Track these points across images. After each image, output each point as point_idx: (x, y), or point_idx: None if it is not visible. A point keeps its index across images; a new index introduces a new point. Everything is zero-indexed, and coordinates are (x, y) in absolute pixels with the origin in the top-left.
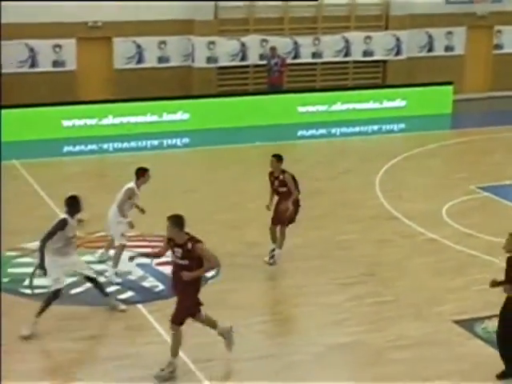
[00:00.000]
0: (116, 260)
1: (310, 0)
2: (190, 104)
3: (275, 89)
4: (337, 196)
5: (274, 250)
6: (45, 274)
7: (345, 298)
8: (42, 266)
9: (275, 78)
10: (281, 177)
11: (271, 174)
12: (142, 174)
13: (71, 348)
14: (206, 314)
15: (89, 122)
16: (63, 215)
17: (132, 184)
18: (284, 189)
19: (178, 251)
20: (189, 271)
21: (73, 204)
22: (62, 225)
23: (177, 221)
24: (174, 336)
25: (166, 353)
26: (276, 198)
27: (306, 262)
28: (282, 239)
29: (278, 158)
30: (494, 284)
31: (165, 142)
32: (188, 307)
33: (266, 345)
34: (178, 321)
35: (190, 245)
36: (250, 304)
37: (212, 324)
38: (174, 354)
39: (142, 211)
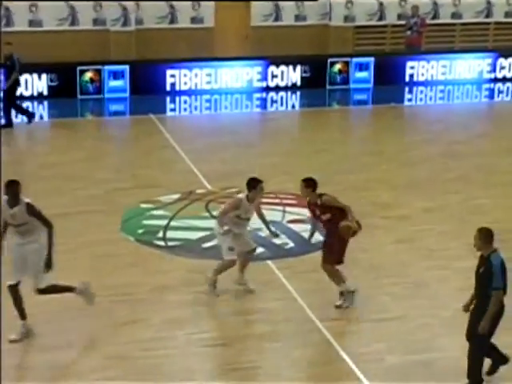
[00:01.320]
0: (219, 270)
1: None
2: None
3: (413, 49)
4: (472, 160)
5: (342, 294)
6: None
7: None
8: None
9: (414, 38)
10: (318, 201)
11: (308, 202)
12: (253, 185)
13: (201, 301)
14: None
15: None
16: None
17: (242, 195)
18: (328, 215)
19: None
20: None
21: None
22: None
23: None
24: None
25: (294, 310)
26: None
27: (437, 226)
28: (335, 277)
29: (307, 182)
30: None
31: (302, 100)
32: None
33: (394, 307)
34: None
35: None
36: (380, 265)
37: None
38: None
39: (275, 235)
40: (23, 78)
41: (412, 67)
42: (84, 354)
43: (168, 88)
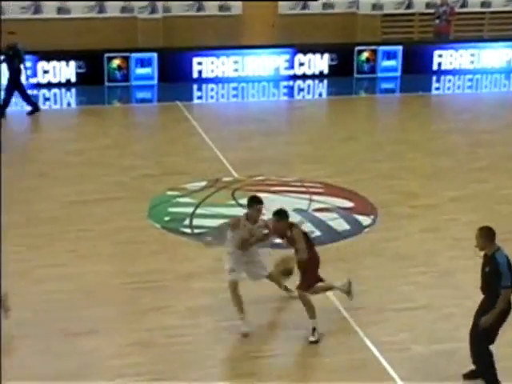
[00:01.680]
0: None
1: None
2: None
3: (442, 38)
4: (499, 149)
5: (314, 330)
6: None
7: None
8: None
9: (442, 26)
10: (288, 233)
11: (275, 229)
12: (249, 204)
13: (226, 289)
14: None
15: None
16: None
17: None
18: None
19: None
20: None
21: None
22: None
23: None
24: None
25: (319, 298)
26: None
27: (464, 215)
28: (306, 307)
29: (278, 217)
30: None
31: (329, 89)
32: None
33: (419, 296)
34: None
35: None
36: (406, 254)
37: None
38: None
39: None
40: (51, 64)
41: (440, 56)
42: (108, 341)
43: (195, 75)
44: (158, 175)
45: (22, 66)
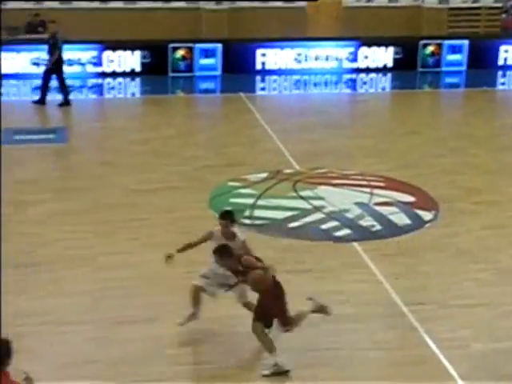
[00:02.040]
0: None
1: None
2: None
3: (509, 32)
4: None
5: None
6: None
7: None
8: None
9: (510, 21)
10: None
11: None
12: (219, 217)
13: (286, 280)
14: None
15: None
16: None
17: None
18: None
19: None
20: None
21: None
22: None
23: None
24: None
25: (378, 292)
26: None
27: None
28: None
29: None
30: None
31: (393, 82)
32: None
33: (479, 293)
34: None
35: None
36: (468, 250)
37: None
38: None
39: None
40: (116, 54)
41: (506, 51)
42: (169, 329)
43: (258, 67)
44: (219, 166)
45: (61, 55)
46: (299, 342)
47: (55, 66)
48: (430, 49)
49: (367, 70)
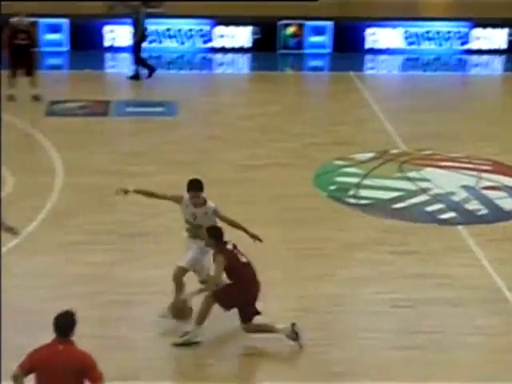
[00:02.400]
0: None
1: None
2: None
3: None
4: None
5: None
6: None
7: None
8: None
9: None
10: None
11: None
12: (187, 187)
13: (388, 261)
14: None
15: None
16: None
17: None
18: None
19: None
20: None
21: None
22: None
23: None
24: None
25: (482, 277)
26: None
27: None
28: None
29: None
30: None
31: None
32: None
33: None
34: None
35: None
36: None
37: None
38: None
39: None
40: (229, 29)
41: None
42: (272, 305)
43: (368, 46)
44: (326, 144)
45: (143, 31)
46: (398, 323)
47: (140, 40)
48: None
49: (479, 52)
